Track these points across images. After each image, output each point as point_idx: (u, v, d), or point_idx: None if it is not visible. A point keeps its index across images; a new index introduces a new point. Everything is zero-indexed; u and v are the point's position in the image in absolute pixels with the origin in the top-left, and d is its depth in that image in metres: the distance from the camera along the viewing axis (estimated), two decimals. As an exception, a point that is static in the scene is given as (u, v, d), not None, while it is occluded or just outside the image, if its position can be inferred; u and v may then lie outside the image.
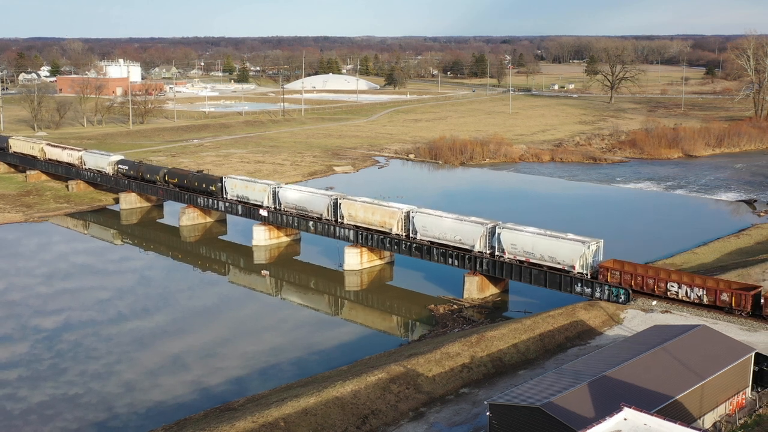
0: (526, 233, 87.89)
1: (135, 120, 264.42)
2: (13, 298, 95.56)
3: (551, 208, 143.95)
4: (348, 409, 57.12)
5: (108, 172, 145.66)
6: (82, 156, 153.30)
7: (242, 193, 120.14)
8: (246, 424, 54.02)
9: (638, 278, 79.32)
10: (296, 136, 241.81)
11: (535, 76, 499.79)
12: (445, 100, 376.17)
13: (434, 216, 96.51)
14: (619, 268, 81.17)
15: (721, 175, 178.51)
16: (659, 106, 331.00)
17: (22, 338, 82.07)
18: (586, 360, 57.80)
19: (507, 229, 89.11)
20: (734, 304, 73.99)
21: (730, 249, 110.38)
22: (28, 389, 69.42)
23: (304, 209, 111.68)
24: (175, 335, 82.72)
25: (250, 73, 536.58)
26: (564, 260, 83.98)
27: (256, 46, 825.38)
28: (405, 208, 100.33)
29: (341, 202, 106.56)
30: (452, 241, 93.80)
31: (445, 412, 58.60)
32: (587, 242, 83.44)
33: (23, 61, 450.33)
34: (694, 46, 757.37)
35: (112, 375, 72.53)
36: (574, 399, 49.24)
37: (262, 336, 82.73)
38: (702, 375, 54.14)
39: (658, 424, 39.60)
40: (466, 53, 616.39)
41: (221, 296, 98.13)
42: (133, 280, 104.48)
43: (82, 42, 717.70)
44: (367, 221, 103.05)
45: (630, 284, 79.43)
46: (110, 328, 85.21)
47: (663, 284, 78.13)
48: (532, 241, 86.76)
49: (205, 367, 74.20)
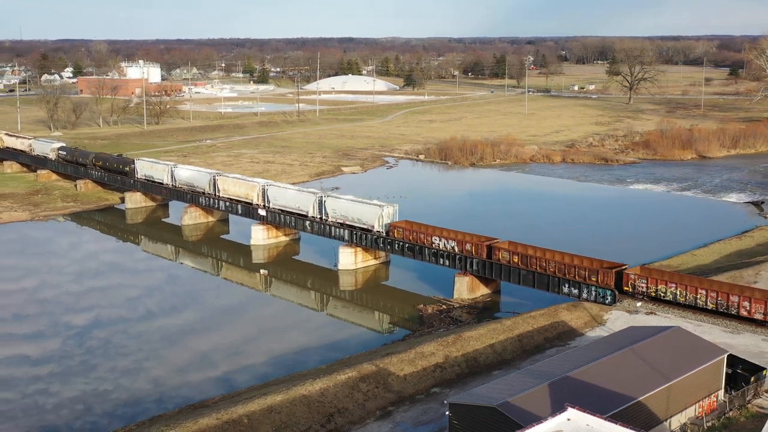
0: (342, 200, 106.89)
1: (150, 120, 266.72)
2: (45, 295, 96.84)
3: (552, 209, 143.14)
4: (314, 407, 57.12)
5: (51, 157, 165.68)
6: (31, 144, 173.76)
7: (148, 173, 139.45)
8: (209, 421, 54.23)
9: (414, 234, 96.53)
10: (309, 136, 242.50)
11: (554, 77, 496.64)
12: (462, 101, 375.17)
13: (281, 188, 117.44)
14: (404, 226, 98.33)
15: (733, 177, 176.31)
16: (679, 106, 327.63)
17: (54, 335, 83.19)
18: (553, 360, 57.36)
19: (330, 198, 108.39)
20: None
21: (729, 251, 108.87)
22: (59, 384, 70.40)
23: (192, 185, 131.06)
24: (203, 333, 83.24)
25: (270, 74, 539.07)
26: (368, 221, 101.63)
27: (281, 47, 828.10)
28: (262, 182, 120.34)
29: (218, 179, 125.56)
30: (294, 209, 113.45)
31: (412, 411, 58.41)
32: (384, 206, 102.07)
33: (46, 62, 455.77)
34: (720, 47, 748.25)
35: (141, 371, 73.21)
36: (532, 399, 48.85)
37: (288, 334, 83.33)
38: (669, 376, 53.44)
39: (600, 425, 39.14)
40: (488, 54, 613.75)
41: (248, 295, 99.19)
42: (162, 278, 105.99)
43: (108, 44, 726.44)
44: (237, 194, 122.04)
45: (409, 238, 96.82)
46: (139, 325, 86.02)
47: (429, 238, 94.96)
48: (346, 207, 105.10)
49: (232, 364, 74.51)
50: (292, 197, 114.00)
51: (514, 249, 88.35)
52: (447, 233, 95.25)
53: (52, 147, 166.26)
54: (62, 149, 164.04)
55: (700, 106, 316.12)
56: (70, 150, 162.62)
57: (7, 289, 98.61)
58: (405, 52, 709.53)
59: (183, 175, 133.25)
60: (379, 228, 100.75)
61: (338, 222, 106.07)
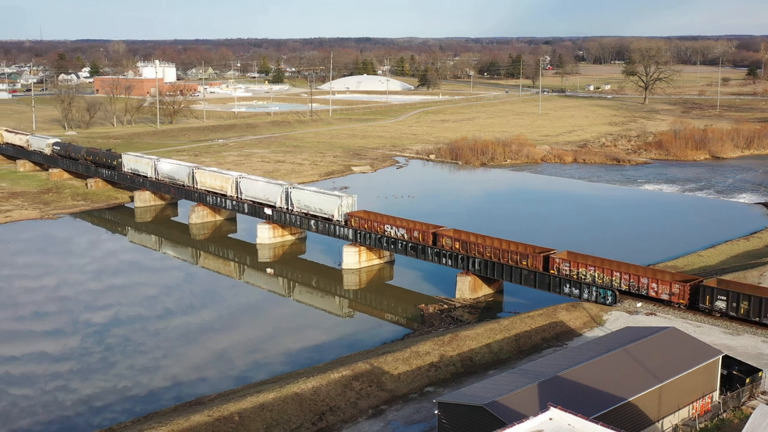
0: (306, 191, 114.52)
1: (163, 120, 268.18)
2: (65, 293, 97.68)
3: (561, 209, 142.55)
4: (306, 405, 57.22)
5: (46, 152, 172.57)
6: (28, 139, 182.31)
7: (134, 167, 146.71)
8: (201, 417, 54.48)
9: (369, 222, 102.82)
10: (320, 136, 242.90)
11: (569, 77, 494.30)
12: (476, 101, 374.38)
13: (252, 180, 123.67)
14: (361, 215, 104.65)
15: (746, 177, 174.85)
16: (695, 107, 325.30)
17: (73, 332, 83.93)
18: (545, 360, 57.10)
19: (295, 189, 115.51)
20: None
21: (737, 251, 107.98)
22: (79, 381, 71.02)
23: (174, 178, 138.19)
24: (220, 331, 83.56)
25: (285, 74, 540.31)
26: (328, 211, 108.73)
27: (298, 47, 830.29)
28: (235, 175, 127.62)
29: (196, 172, 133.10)
30: (263, 199, 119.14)
31: (405, 410, 58.36)
32: (342, 197, 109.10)
33: (63, 62, 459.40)
34: (739, 47, 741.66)
35: (159, 369, 73.63)
36: (521, 399, 48.69)
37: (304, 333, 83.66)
38: (661, 377, 53.06)
39: (581, 425, 38.93)
40: (504, 54, 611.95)
41: (264, 294, 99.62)
42: (180, 277, 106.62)
43: (127, 44, 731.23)
44: (212, 186, 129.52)
45: (364, 226, 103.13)
46: (157, 323, 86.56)
47: (381, 226, 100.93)
48: (309, 197, 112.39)
49: (249, 362, 74.81)
50: (261, 188, 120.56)
51: (458, 236, 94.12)
52: (398, 222, 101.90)
53: (47, 143, 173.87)
54: (56, 144, 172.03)
55: (716, 107, 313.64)
56: (64, 145, 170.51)
57: (27, 287, 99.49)
58: (422, 52, 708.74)
59: (164, 168, 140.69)
60: (339, 217, 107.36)
61: (303, 212, 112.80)
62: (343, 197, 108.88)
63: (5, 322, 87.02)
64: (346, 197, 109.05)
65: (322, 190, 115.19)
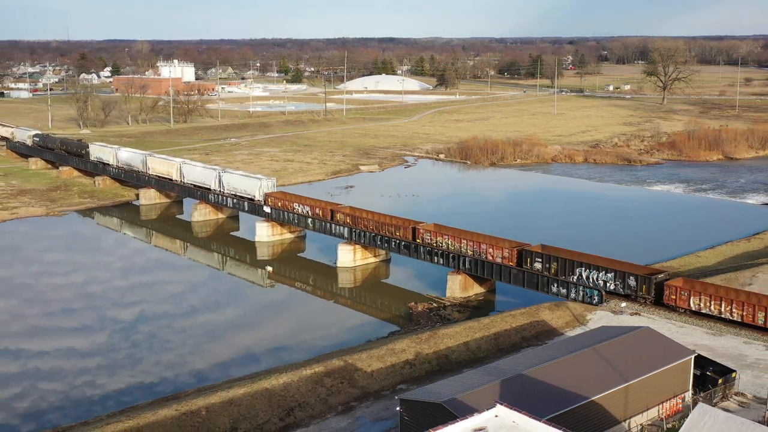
0: (234, 174, 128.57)
1: (177, 119, 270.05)
2: (92, 290, 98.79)
3: (566, 209, 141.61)
4: (275, 400, 57.38)
5: (28, 143, 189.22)
6: (13, 132, 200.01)
7: (99, 155, 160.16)
8: (169, 412, 54.84)
9: (282, 201, 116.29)
10: (333, 135, 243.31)
11: (590, 77, 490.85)
12: (493, 100, 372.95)
13: (192, 166, 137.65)
14: (276, 195, 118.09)
15: (758, 178, 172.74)
16: (714, 107, 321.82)
17: (101, 329, 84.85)
18: (513, 359, 56.86)
19: (226, 173, 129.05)
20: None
21: (735, 252, 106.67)
22: (106, 377, 71.68)
23: (131, 165, 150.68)
24: (245, 329, 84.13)
25: (304, 74, 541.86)
26: (250, 191, 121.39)
27: (321, 47, 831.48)
28: (179, 161, 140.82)
29: (148, 159, 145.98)
30: (201, 183, 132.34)
31: (375, 407, 58.34)
32: (262, 179, 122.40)
33: (84, 62, 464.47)
34: (764, 47, 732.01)
35: (185, 365, 74.09)
36: (480, 396, 48.40)
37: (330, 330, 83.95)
38: (628, 377, 52.57)
39: (526, 423, 38.68)
40: (524, 54, 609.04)
41: (288, 293, 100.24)
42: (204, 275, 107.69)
43: (152, 44, 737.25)
44: (161, 171, 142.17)
45: (278, 205, 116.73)
46: (183, 320, 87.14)
47: (291, 204, 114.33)
48: (236, 180, 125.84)
49: (274, 359, 74.80)
50: (200, 173, 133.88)
51: (352, 213, 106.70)
52: (304, 200, 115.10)
53: (28, 134, 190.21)
54: (36, 136, 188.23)
55: (735, 107, 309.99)
56: (42, 136, 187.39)
57: (56, 284, 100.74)
58: (444, 52, 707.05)
59: (123, 156, 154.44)
60: (259, 197, 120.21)
61: (232, 193, 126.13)
62: (263, 180, 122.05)
63: (35, 318, 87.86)
64: (265, 180, 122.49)
65: (247, 174, 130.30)
